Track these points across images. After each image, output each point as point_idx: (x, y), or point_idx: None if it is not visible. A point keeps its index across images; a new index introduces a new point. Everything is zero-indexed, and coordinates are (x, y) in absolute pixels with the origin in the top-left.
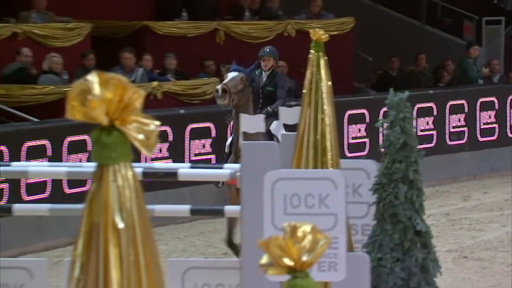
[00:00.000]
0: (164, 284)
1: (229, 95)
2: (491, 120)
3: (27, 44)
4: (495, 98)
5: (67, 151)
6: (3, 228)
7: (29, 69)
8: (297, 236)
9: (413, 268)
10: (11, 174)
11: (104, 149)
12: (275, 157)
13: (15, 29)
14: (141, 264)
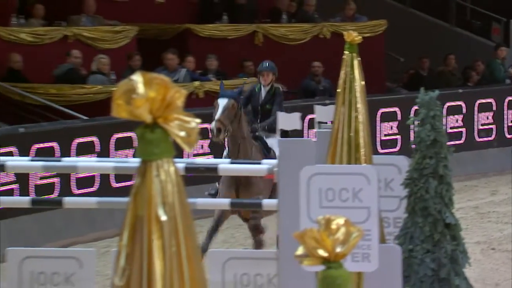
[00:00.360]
0: (205, 274)
1: (223, 130)
2: None
3: (77, 46)
4: None
5: (114, 147)
6: (54, 220)
7: (79, 69)
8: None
9: (442, 259)
10: (62, 169)
11: (147, 145)
12: (310, 153)
13: (66, 32)
14: (182, 254)
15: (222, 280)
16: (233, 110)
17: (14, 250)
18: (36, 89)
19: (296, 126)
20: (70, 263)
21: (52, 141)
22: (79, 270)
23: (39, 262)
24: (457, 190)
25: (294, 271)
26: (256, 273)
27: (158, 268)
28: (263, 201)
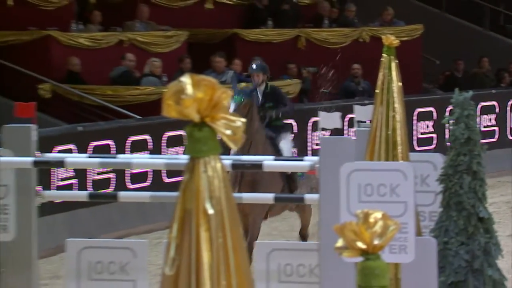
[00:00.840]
0: (250, 264)
1: None
2: None
3: (131, 50)
4: None
5: (165, 144)
6: (110, 213)
7: (133, 72)
8: (369, 222)
9: (476, 251)
10: (117, 165)
11: (196, 143)
12: (350, 150)
13: (121, 37)
14: (228, 246)
15: (267, 270)
16: (245, 109)
17: (73, 241)
18: (93, 91)
19: (336, 125)
20: (124, 253)
21: (108, 139)
22: (133, 260)
23: (96, 252)
24: (490, 186)
25: (335, 262)
26: (299, 264)
27: (206, 258)
28: (305, 195)
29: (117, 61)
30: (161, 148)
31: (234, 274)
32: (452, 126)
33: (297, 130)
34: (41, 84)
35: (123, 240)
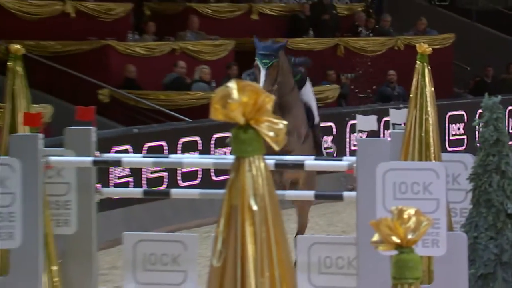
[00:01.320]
0: (291, 257)
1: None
2: None
3: (183, 58)
4: None
5: (214, 145)
6: (163, 209)
7: (184, 78)
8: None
9: (504, 245)
10: (169, 165)
11: (241, 144)
12: (385, 151)
13: (173, 46)
14: (271, 239)
15: (308, 262)
16: (275, 71)
17: (129, 234)
18: (148, 96)
19: (373, 127)
20: (176, 246)
21: (161, 140)
22: (184, 252)
23: (151, 244)
24: None
25: (371, 255)
26: (338, 256)
27: (250, 251)
28: (343, 193)
29: (169, 68)
30: (210, 148)
31: (277, 266)
32: (481, 128)
33: (336, 132)
34: (100, 89)
35: (175, 234)
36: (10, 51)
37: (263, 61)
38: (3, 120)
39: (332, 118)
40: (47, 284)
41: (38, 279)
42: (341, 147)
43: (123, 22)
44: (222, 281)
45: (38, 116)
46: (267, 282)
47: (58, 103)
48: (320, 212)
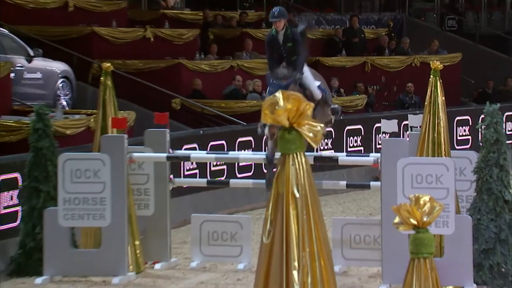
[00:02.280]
0: (327, 235)
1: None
2: None
3: (239, 73)
4: None
5: (264, 144)
6: (223, 195)
7: (240, 90)
8: (419, 203)
9: (502, 226)
10: (228, 159)
11: (286, 143)
12: (405, 149)
13: (232, 63)
14: (311, 221)
15: (341, 239)
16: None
17: (196, 216)
18: (211, 104)
19: (394, 129)
20: (234, 225)
21: (222, 140)
22: (240, 231)
23: (213, 224)
24: None
25: (393, 234)
26: (365, 234)
27: (294, 230)
28: (370, 183)
29: (228, 82)
30: (261, 147)
31: (315, 242)
32: (484, 130)
33: (363, 133)
34: (173, 99)
35: (233, 215)
36: (102, 68)
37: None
38: (96, 123)
39: (360, 122)
40: (131, 256)
41: (124, 252)
42: (368, 146)
43: (191, 45)
44: (271, 255)
45: (123, 120)
46: (307, 256)
47: (139, 110)
48: (351, 198)
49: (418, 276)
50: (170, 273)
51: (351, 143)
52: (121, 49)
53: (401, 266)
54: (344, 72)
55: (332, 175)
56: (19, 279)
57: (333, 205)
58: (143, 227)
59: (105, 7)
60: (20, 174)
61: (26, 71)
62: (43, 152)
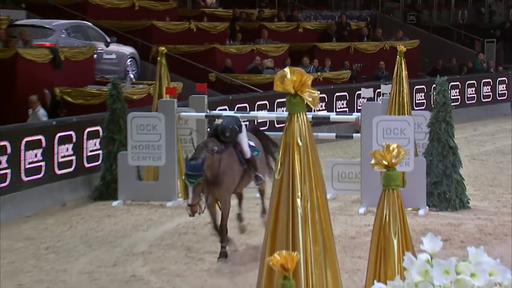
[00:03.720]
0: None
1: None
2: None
3: (258, 54)
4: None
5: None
6: None
7: (258, 67)
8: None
9: (447, 165)
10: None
11: (292, 105)
12: (378, 109)
13: (252, 47)
14: (310, 162)
15: (331, 175)
16: (200, 186)
17: None
18: (237, 77)
19: (371, 95)
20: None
21: (245, 103)
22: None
23: None
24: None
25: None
26: (349, 171)
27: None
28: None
29: (250, 61)
30: (274, 107)
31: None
32: (435, 96)
33: (348, 98)
34: (210, 73)
35: None
36: (159, 51)
37: (190, 181)
38: (154, 91)
39: (346, 90)
40: (180, 186)
41: (175, 183)
42: (351, 108)
43: (223, 34)
44: (281, 187)
45: (174, 89)
46: (307, 188)
47: (185, 81)
48: (338, 146)
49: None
50: None
51: (339, 106)
52: (172, 37)
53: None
54: (334, 54)
55: (325, 129)
56: (101, 202)
57: (326, 151)
58: None
59: (161, 7)
60: (101, 127)
61: (105, 53)
62: (116, 112)
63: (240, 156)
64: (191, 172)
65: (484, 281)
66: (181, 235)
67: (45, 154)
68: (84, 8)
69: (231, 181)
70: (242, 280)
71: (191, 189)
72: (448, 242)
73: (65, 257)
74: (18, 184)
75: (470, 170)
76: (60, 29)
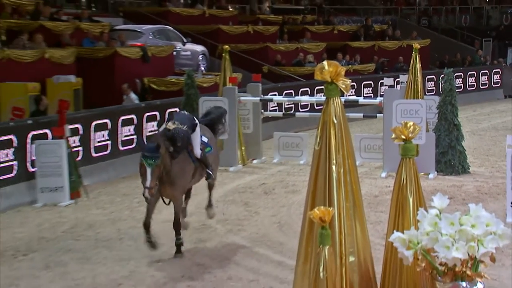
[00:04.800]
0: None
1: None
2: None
3: (301, 51)
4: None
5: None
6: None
7: (302, 61)
8: (407, 126)
9: (452, 138)
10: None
11: (329, 91)
12: (397, 94)
13: (297, 46)
14: (343, 136)
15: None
16: (158, 169)
17: (276, 133)
18: (284, 69)
19: (391, 84)
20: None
21: (291, 90)
22: (302, 142)
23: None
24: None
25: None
26: (374, 144)
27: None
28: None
29: (295, 56)
30: (314, 93)
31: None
32: (443, 83)
33: (373, 85)
34: (263, 66)
35: (297, 133)
36: (223, 49)
37: (148, 162)
38: (220, 80)
39: (371, 79)
40: (240, 155)
41: (236, 152)
42: (376, 93)
43: (274, 35)
44: (319, 157)
45: (235, 78)
46: (340, 157)
47: (244, 73)
48: (364, 124)
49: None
50: (261, 165)
51: (366, 92)
52: (234, 38)
53: (394, 162)
54: (362, 51)
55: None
56: None
57: (355, 128)
58: (246, 139)
59: (225, 14)
60: (178, 108)
61: (182, 50)
62: (191, 96)
63: (192, 155)
64: (149, 154)
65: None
66: (240, 193)
67: (136, 129)
68: (166, 15)
69: (183, 182)
70: (289, 229)
71: (149, 171)
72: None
73: None
74: (116, 153)
75: (470, 142)
76: (148, 32)
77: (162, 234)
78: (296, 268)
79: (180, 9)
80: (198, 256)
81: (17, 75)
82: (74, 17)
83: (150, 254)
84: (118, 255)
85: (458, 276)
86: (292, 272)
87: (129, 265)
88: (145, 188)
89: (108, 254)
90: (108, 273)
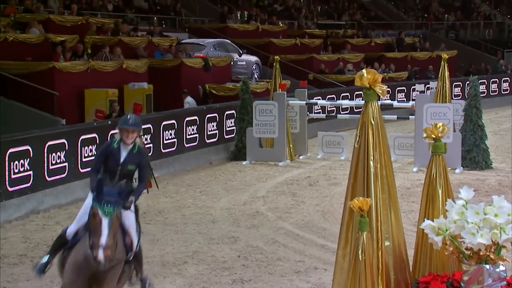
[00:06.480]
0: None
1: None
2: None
3: (342, 61)
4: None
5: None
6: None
7: (342, 69)
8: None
9: (477, 138)
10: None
11: (367, 95)
12: (428, 99)
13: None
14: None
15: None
16: (118, 222)
17: (320, 132)
18: (327, 76)
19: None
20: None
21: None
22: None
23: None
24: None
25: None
26: (406, 142)
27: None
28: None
29: (336, 65)
30: (354, 97)
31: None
32: (468, 89)
33: (405, 91)
34: (309, 74)
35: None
36: (274, 59)
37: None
38: (271, 86)
39: (404, 85)
40: (288, 151)
41: (284, 149)
42: (408, 97)
43: (318, 47)
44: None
45: (284, 85)
46: (377, 154)
47: (292, 80)
48: (398, 124)
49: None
50: (306, 161)
51: (400, 96)
52: (284, 49)
53: (423, 158)
54: (396, 61)
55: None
56: (235, 162)
57: (390, 128)
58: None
59: (276, 28)
60: (235, 111)
61: (238, 61)
62: (246, 100)
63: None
64: (109, 198)
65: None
66: (288, 185)
67: (199, 129)
68: (225, 30)
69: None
70: (331, 216)
71: (106, 224)
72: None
73: (211, 198)
74: (182, 149)
75: (493, 141)
76: (209, 45)
77: (221, 218)
78: (338, 251)
79: (237, 25)
80: (251, 239)
81: (99, 82)
82: (147, 32)
83: (211, 237)
84: (183, 237)
85: (482, 260)
86: (334, 255)
87: (193, 246)
88: (98, 248)
89: (175, 236)
90: (175, 252)
